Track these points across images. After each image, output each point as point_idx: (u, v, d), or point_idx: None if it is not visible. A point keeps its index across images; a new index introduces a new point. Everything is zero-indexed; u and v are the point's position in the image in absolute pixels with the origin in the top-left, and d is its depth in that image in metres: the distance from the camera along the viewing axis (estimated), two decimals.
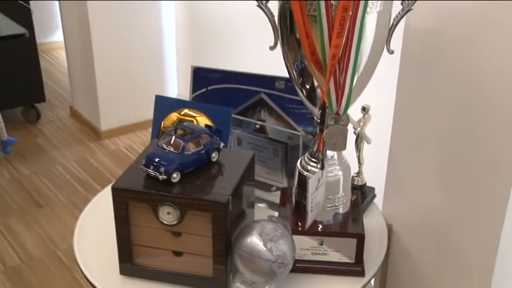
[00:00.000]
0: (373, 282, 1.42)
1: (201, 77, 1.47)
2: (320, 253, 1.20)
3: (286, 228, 1.13)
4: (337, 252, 1.20)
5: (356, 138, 1.36)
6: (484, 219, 1.17)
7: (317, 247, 1.20)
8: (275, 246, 1.08)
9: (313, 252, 1.20)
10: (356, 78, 1.06)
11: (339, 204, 1.22)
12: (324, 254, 1.20)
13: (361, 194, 1.35)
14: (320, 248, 1.20)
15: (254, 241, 1.09)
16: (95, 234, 1.31)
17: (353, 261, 1.20)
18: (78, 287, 2.14)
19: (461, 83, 1.16)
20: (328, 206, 1.21)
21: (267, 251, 1.08)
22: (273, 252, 1.08)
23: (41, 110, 3.40)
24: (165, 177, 1.10)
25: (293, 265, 1.13)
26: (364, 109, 1.33)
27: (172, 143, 1.14)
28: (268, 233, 1.09)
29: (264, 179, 1.39)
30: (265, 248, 1.08)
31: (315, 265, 1.20)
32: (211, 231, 1.10)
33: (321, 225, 1.20)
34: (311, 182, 1.13)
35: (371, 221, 1.33)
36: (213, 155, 1.18)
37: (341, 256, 1.20)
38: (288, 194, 1.29)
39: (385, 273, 1.45)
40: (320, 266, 1.20)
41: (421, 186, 1.31)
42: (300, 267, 1.18)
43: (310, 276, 1.20)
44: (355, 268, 1.20)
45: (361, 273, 1.20)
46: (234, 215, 1.14)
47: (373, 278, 1.27)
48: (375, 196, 1.43)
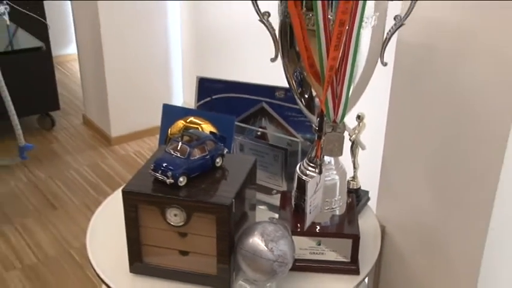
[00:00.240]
0: (367, 280, 1.41)
1: (205, 86, 1.46)
2: (318, 253, 1.19)
3: (286, 229, 1.13)
4: (334, 251, 1.19)
5: (351, 144, 1.36)
6: (470, 222, 1.17)
7: (315, 247, 1.19)
8: (276, 247, 1.08)
9: (311, 251, 1.19)
10: (352, 88, 1.06)
11: (335, 206, 1.21)
12: (322, 253, 1.19)
13: (356, 197, 1.34)
14: (318, 248, 1.19)
15: (256, 241, 1.08)
16: (106, 234, 1.30)
17: (349, 260, 1.19)
18: (90, 284, 2.13)
19: (450, 94, 1.15)
20: (325, 209, 1.20)
21: (268, 251, 1.07)
22: (273, 252, 1.07)
23: (55, 117, 3.40)
24: (172, 181, 1.10)
25: (293, 264, 1.12)
26: (359, 117, 1.33)
27: (179, 148, 1.14)
28: (269, 233, 1.09)
29: (265, 182, 1.38)
30: (266, 248, 1.07)
31: (313, 264, 1.20)
32: (215, 232, 1.09)
33: (318, 226, 1.20)
34: (310, 185, 1.12)
35: (365, 222, 1.33)
36: (218, 160, 1.18)
37: (337, 255, 1.19)
38: (288, 197, 1.28)
39: (379, 272, 1.45)
40: (318, 265, 1.20)
41: (412, 190, 1.30)
42: (299, 266, 1.18)
43: (309, 274, 1.19)
44: (351, 267, 1.20)
45: (356, 272, 1.19)
46: (237, 217, 1.13)
47: (367, 276, 1.27)
48: (369, 199, 1.42)
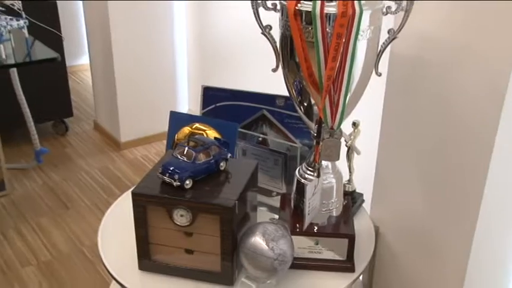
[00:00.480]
0: (361, 278, 1.41)
1: (210, 95, 1.46)
2: (316, 251, 1.18)
3: (286, 229, 1.12)
4: (331, 250, 1.18)
5: (347, 150, 1.35)
6: (458, 223, 1.16)
7: (313, 246, 1.18)
8: (276, 246, 1.07)
9: (309, 250, 1.19)
10: (348, 97, 1.06)
11: (332, 208, 1.21)
12: (319, 252, 1.18)
13: (351, 199, 1.34)
14: (316, 247, 1.18)
15: (257, 241, 1.08)
16: (116, 233, 1.30)
17: (345, 259, 1.19)
18: (101, 280, 2.12)
19: (440, 103, 1.15)
20: (323, 210, 1.20)
21: (269, 249, 1.07)
22: (274, 250, 1.07)
23: (69, 123, 3.40)
24: (178, 183, 1.09)
25: (292, 262, 1.11)
26: (354, 124, 1.32)
27: (185, 153, 1.13)
28: (270, 233, 1.08)
29: (266, 185, 1.38)
30: (267, 247, 1.07)
31: (311, 262, 1.19)
32: (219, 232, 1.09)
33: (316, 226, 1.19)
34: (308, 188, 1.11)
35: (360, 223, 1.32)
36: (221, 164, 1.17)
37: (334, 254, 1.19)
38: (287, 199, 1.27)
39: (372, 269, 1.44)
40: (316, 263, 1.19)
41: (404, 193, 1.30)
42: (298, 264, 1.17)
43: (307, 272, 1.18)
44: (347, 265, 1.19)
45: (351, 270, 1.19)
46: (240, 218, 1.12)
47: (362, 274, 1.26)
48: (363, 201, 1.42)
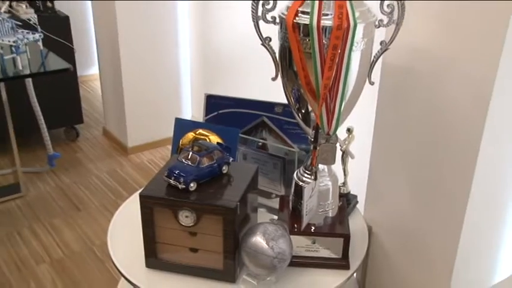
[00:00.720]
0: (355, 275, 1.40)
1: (212, 102, 1.45)
2: (313, 250, 1.18)
3: (285, 229, 1.12)
4: (327, 249, 1.18)
5: (342, 154, 1.34)
6: (446, 224, 1.16)
7: (310, 245, 1.17)
8: (276, 245, 1.06)
9: (307, 249, 1.18)
10: (344, 104, 1.06)
11: (328, 209, 1.20)
12: (316, 250, 1.18)
13: (346, 201, 1.33)
14: (313, 246, 1.17)
15: (258, 240, 1.07)
16: (124, 233, 1.29)
17: (340, 257, 1.18)
18: (110, 277, 2.12)
19: (429, 111, 1.15)
20: (319, 211, 1.19)
21: (269, 248, 1.06)
22: (274, 249, 1.06)
23: (79, 130, 3.39)
24: (184, 186, 1.09)
25: (290, 260, 1.11)
26: (348, 130, 1.32)
27: (189, 157, 1.13)
28: (270, 233, 1.08)
29: (266, 188, 1.37)
30: (267, 246, 1.06)
31: (309, 260, 1.18)
32: (222, 232, 1.08)
33: (313, 227, 1.18)
34: (306, 190, 1.11)
35: (354, 223, 1.31)
36: (224, 168, 1.16)
37: (330, 252, 1.18)
38: (286, 200, 1.26)
39: (366, 267, 1.43)
40: (313, 261, 1.18)
41: (395, 195, 1.29)
42: (296, 262, 1.16)
43: (305, 269, 1.18)
44: (342, 262, 1.18)
45: (346, 267, 1.18)
46: (241, 218, 1.12)
47: (356, 271, 1.25)
48: (357, 202, 1.41)
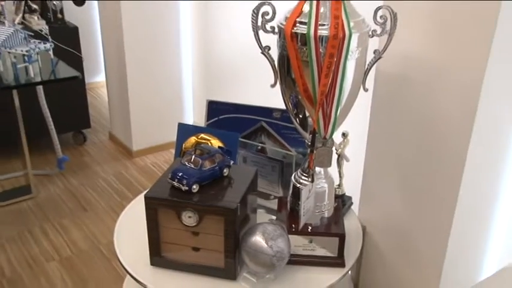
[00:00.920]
0: (350, 272, 1.39)
1: (214, 108, 1.45)
2: (310, 249, 1.17)
3: (283, 229, 1.11)
4: (323, 248, 1.17)
5: (337, 157, 1.34)
6: (435, 224, 1.16)
7: (307, 244, 1.17)
8: (274, 244, 1.06)
9: (304, 248, 1.17)
10: (339, 110, 1.05)
11: (324, 210, 1.20)
12: (313, 249, 1.17)
13: (341, 202, 1.33)
14: (310, 245, 1.17)
15: (258, 239, 1.06)
16: (130, 233, 1.28)
17: (336, 255, 1.18)
18: (116, 275, 2.11)
19: (420, 116, 1.15)
20: (316, 212, 1.18)
21: (268, 247, 1.05)
22: (273, 248, 1.06)
23: (86, 134, 3.39)
24: (186, 188, 1.08)
25: (289, 258, 1.10)
26: (344, 134, 1.32)
27: (192, 160, 1.12)
28: (269, 233, 1.07)
29: (264, 189, 1.36)
30: (266, 245, 1.06)
31: (306, 258, 1.18)
32: (223, 231, 1.07)
33: (310, 227, 1.18)
34: (303, 192, 1.10)
35: (349, 223, 1.30)
36: (225, 171, 1.16)
37: (326, 251, 1.17)
38: (284, 202, 1.26)
39: (360, 265, 1.42)
40: (310, 259, 1.18)
41: (388, 196, 1.29)
42: (294, 260, 1.16)
43: (302, 267, 1.17)
44: (337, 261, 1.18)
45: (342, 265, 1.18)
46: (241, 218, 1.11)
47: (351, 269, 1.24)
48: (352, 203, 1.40)
